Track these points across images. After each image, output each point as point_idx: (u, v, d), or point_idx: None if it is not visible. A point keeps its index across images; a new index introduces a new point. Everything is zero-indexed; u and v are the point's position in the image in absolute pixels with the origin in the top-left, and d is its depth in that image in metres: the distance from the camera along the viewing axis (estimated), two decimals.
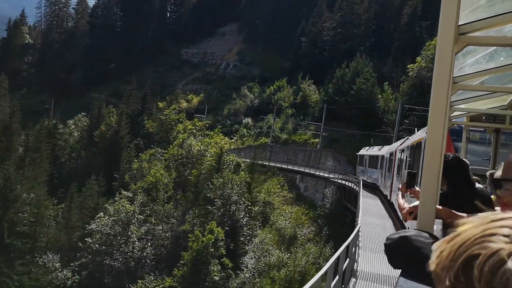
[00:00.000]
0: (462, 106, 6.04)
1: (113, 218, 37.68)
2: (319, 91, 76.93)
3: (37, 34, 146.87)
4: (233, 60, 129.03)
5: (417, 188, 3.41)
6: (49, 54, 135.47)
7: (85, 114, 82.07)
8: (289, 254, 39.93)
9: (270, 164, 63.30)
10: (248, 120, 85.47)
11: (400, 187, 3.60)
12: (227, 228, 38.01)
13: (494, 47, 3.75)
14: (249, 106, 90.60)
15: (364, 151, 41.90)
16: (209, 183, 42.38)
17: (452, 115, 6.23)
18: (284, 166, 60.21)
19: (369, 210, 23.38)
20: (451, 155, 3.36)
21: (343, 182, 42.40)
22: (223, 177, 42.01)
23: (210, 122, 70.27)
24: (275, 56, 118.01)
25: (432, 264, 0.78)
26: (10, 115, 60.81)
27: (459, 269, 0.71)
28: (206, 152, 52.67)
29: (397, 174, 19.14)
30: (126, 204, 38.78)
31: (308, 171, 54.34)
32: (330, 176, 47.86)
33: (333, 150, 58.48)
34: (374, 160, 34.29)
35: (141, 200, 41.20)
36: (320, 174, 50.70)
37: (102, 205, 40.64)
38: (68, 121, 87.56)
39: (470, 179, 3.31)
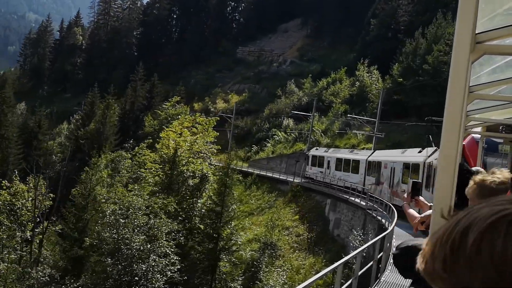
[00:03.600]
0: (478, 115, 5.94)
1: None
2: (384, 79, 53.93)
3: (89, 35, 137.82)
4: (293, 56, 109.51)
5: (420, 198, 3.44)
6: (95, 55, 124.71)
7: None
8: None
9: (295, 181, 41.87)
10: (289, 121, 64.27)
11: (405, 196, 3.60)
12: None
13: (511, 57, 3.68)
14: (295, 104, 69.20)
15: (322, 152, 41.14)
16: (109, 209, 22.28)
17: (468, 124, 6.16)
18: (312, 186, 38.52)
19: None
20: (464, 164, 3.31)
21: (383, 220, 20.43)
22: (121, 200, 21.71)
23: (217, 118, 49.88)
24: (343, 50, 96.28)
25: (420, 265, 0.76)
26: None
27: (447, 252, 0.70)
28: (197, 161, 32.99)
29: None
30: None
31: (344, 195, 32.11)
32: (371, 204, 25.63)
33: None
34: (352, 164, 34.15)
35: None
36: (355, 201, 28.47)
37: None
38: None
39: None
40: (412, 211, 3.30)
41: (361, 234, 23.77)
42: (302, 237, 32.12)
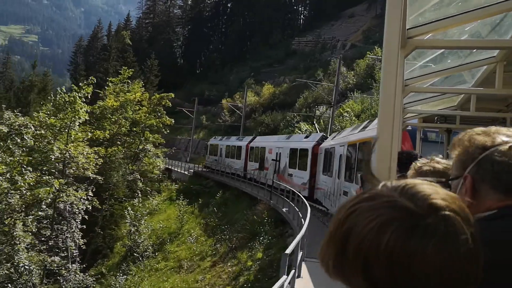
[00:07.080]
0: (414, 108, 6.02)
1: None
2: None
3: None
4: (356, 41, 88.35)
5: None
6: (135, 56, 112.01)
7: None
8: None
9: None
10: (323, 108, 43.89)
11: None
12: None
13: (442, 50, 3.79)
14: (340, 87, 48.39)
15: (217, 141, 42.85)
16: None
17: (406, 116, 6.17)
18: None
19: None
20: (404, 152, 3.25)
21: None
22: None
23: (171, 96, 31.40)
24: None
25: (320, 260, 0.79)
26: None
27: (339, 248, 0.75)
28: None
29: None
30: None
31: None
32: None
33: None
34: (236, 151, 35.58)
35: None
36: None
37: None
38: None
39: None
40: None
41: None
42: None
